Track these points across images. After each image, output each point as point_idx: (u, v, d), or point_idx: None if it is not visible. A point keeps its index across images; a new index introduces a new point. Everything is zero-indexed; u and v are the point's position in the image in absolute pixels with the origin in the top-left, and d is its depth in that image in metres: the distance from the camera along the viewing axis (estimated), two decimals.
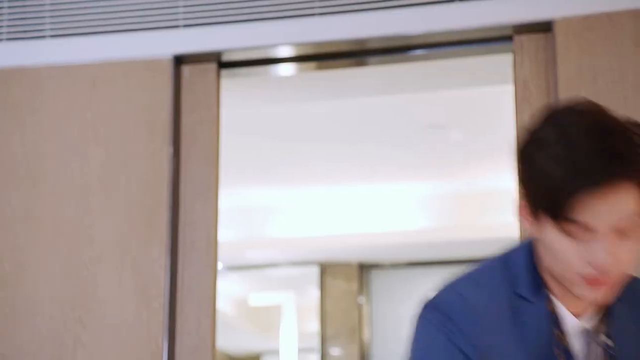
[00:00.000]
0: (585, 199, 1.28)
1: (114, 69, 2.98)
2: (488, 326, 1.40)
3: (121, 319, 2.79)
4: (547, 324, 1.40)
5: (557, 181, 1.30)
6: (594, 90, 2.64)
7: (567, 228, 1.32)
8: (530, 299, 1.41)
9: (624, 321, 1.45)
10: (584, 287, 1.35)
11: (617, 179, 1.28)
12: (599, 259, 1.31)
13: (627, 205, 1.30)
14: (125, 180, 2.89)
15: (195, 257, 2.86)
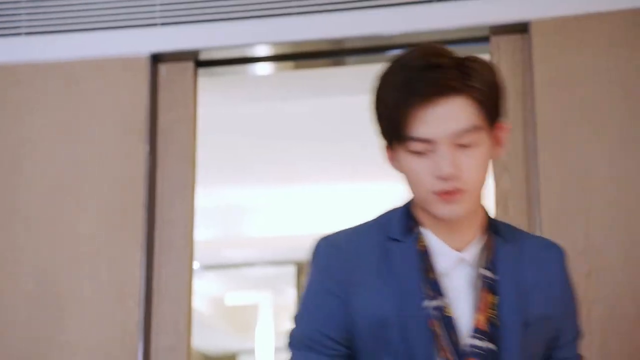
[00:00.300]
0: (420, 114, 1.42)
1: (90, 67, 2.97)
2: (358, 266, 1.50)
3: (96, 317, 2.78)
4: (414, 260, 1.49)
5: (394, 103, 1.44)
6: (569, 91, 2.66)
7: (413, 147, 1.45)
8: (400, 239, 1.51)
9: (506, 257, 1.52)
10: (439, 204, 1.46)
11: (446, 92, 1.42)
12: (443, 170, 1.42)
13: (462, 118, 1.43)
14: (101, 178, 2.88)
15: (171, 256, 2.86)
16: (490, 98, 1.47)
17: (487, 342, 1.46)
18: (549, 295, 1.54)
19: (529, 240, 1.60)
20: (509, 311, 1.49)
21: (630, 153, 2.59)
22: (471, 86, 1.44)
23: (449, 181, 1.43)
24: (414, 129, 1.43)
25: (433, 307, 1.46)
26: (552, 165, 2.63)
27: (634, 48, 2.65)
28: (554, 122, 2.65)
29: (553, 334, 1.56)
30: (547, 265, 1.57)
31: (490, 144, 1.49)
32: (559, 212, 2.59)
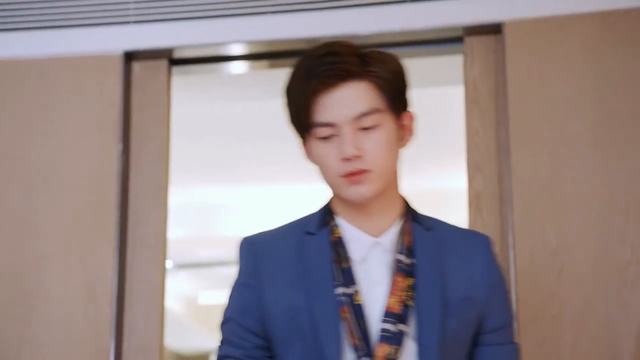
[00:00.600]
0: (322, 99, 1.51)
1: (63, 65, 2.94)
2: (271, 261, 1.57)
3: (68, 317, 2.76)
4: (326, 251, 1.55)
5: (298, 92, 1.53)
6: (542, 92, 2.68)
7: (319, 133, 1.53)
8: (314, 232, 1.58)
9: (425, 242, 1.57)
10: (347, 186, 1.53)
11: (346, 77, 1.50)
12: (345, 151, 1.49)
13: (362, 101, 1.51)
14: (73, 177, 2.86)
15: (144, 255, 2.84)
16: (392, 85, 1.54)
17: (399, 324, 1.49)
18: (470, 279, 1.57)
19: (451, 229, 1.65)
20: (426, 292, 1.52)
21: (602, 153, 2.61)
22: (370, 71, 1.52)
23: (352, 162, 1.50)
24: (318, 115, 1.52)
25: (343, 295, 1.50)
26: (524, 165, 2.64)
27: (606, 50, 2.67)
28: (527, 122, 2.67)
29: (478, 318, 1.58)
30: (468, 251, 1.61)
31: (394, 130, 1.56)
32: (531, 211, 2.61)
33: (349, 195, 1.54)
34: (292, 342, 1.52)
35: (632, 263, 2.53)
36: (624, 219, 2.55)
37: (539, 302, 2.55)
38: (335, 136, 1.52)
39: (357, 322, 1.49)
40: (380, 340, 1.48)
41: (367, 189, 1.52)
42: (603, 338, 2.50)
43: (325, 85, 1.51)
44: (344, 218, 1.59)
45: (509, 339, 1.63)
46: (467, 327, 1.56)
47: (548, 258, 2.57)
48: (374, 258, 1.56)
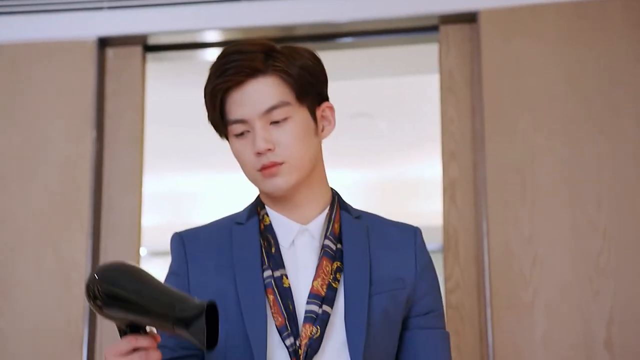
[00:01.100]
0: (232, 97, 1.55)
1: (36, 50, 2.92)
2: (199, 250, 1.60)
3: (41, 304, 2.75)
4: (254, 238, 1.59)
5: (210, 94, 1.56)
6: (517, 80, 2.69)
7: (233, 130, 1.56)
8: (243, 222, 1.62)
9: (352, 229, 1.61)
10: (263, 180, 1.56)
11: (252, 74, 1.54)
12: (257, 145, 1.53)
13: (269, 96, 1.54)
14: (46, 163, 2.84)
15: (118, 242, 2.83)
16: (300, 79, 1.56)
17: (324, 305, 1.52)
18: (398, 262, 1.61)
19: (381, 219, 1.68)
20: (352, 273, 1.56)
21: (575, 142, 2.63)
22: (276, 66, 1.55)
23: (265, 156, 1.54)
24: (230, 112, 1.56)
25: (271, 278, 1.54)
26: (498, 153, 2.66)
27: (580, 39, 2.68)
28: (502, 111, 2.68)
29: (408, 301, 1.60)
30: (397, 238, 1.64)
31: (307, 122, 1.58)
32: (505, 200, 2.62)
33: (266, 188, 1.57)
34: (220, 325, 1.51)
35: (604, 252, 2.55)
36: (597, 207, 2.58)
37: (513, 290, 2.57)
38: (248, 132, 1.55)
39: (284, 304, 1.52)
40: (305, 321, 1.51)
41: (283, 180, 1.55)
42: (575, 325, 2.53)
43: (233, 82, 1.54)
44: (272, 208, 1.62)
45: (440, 325, 1.66)
46: (397, 307, 1.59)
47: (522, 246, 2.59)
48: (302, 244, 1.59)
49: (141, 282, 1.33)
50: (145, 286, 1.32)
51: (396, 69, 3.72)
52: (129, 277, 1.34)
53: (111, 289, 1.32)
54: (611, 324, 2.51)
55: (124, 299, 1.31)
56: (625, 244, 2.55)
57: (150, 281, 1.34)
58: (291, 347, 1.50)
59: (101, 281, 1.33)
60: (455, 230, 2.71)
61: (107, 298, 1.32)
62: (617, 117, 2.62)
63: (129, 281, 1.33)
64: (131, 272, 1.34)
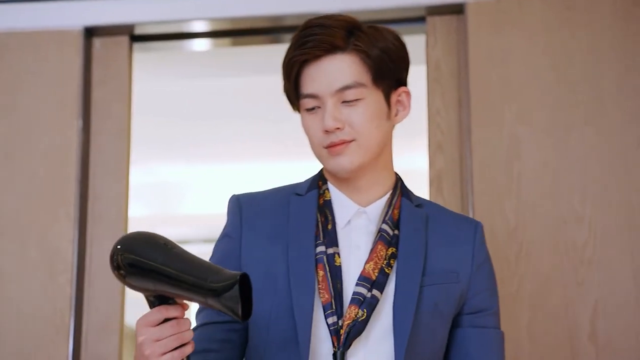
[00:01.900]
0: (308, 71, 1.53)
1: (22, 39, 2.91)
2: (255, 215, 1.59)
3: (26, 294, 2.74)
4: (312, 211, 1.57)
5: (288, 63, 1.55)
6: (504, 72, 2.70)
7: (305, 105, 1.55)
8: (302, 194, 1.61)
9: (411, 217, 1.58)
10: (329, 158, 1.54)
11: (330, 50, 1.51)
12: (325, 122, 1.51)
13: (345, 74, 1.51)
14: (32, 153, 2.83)
15: (104, 232, 2.83)
16: (379, 61, 1.54)
17: (374, 290, 1.50)
18: (455, 255, 1.58)
19: (442, 210, 1.67)
20: (406, 261, 1.53)
21: (561, 134, 2.64)
22: (357, 45, 1.52)
23: (333, 134, 1.51)
24: (304, 86, 1.54)
25: (323, 254, 1.52)
26: (485, 145, 2.66)
27: (567, 30, 2.69)
28: (488, 102, 2.69)
29: (461, 296, 1.57)
30: (457, 231, 1.62)
31: (380, 105, 1.55)
32: (491, 191, 2.63)
33: (330, 166, 1.55)
34: (265, 295, 1.52)
35: (589, 243, 2.56)
36: (582, 199, 2.59)
37: (498, 280, 2.56)
38: (319, 107, 1.53)
39: (333, 282, 1.50)
40: (351, 303, 1.48)
41: (348, 160, 1.53)
42: (560, 316, 2.54)
43: (310, 56, 1.52)
44: (334, 185, 1.60)
45: (493, 324, 1.62)
46: (449, 301, 1.56)
47: (507, 237, 2.60)
48: (357, 225, 1.56)
49: (169, 252, 1.30)
50: (174, 256, 1.30)
51: None
52: (155, 247, 1.31)
53: (135, 258, 1.30)
54: (595, 315, 2.52)
55: (151, 269, 1.29)
56: (610, 235, 2.56)
57: (179, 252, 1.31)
58: (333, 325, 1.48)
59: (124, 251, 1.32)
60: None
61: (130, 267, 1.30)
62: (603, 109, 2.63)
63: (156, 251, 1.30)
64: (158, 242, 1.32)
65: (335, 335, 1.47)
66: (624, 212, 2.57)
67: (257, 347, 1.55)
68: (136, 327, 1.33)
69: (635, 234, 2.55)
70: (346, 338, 1.46)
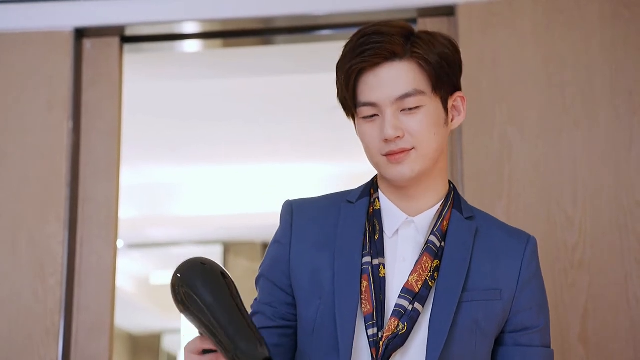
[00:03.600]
0: (365, 79, 1.51)
1: (12, 40, 2.90)
2: (307, 222, 1.60)
3: (15, 295, 2.73)
4: (361, 220, 1.57)
5: (345, 71, 1.53)
6: (494, 74, 2.70)
7: (362, 113, 1.53)
8: (353, 201, 1.60)
9: (460, 229, 1.56)
10: (388, 166, 1.53)
11: (389, 57, 1.50)
12: (386, 131, 1.49)
13: (404, 82, 1.50)
14: (22, 153, 2.82)
15: (94, 234, 2.82)
16: (437, 67, 1.53)
17: (416, 302, 1.48)
18: (501, 271, 1.55)
19: (495, 223, 1.63)
20: (448, 275, 1.51)
21: (551, 135, 2.65)
22: (415, 52, 1.51)
23: (393, 142, 1.50)
24: (362, 94, 1.52)
25: (369, 265, 1.51)
26: (476, 147, 2.67)
27: (556, 32, 2.70)
28: (479, 104, 2.69)
29: (504, 314, 1.54)
30: (506, 246, 1.58)
31: (438, 112, 1.54)
32: (482, 193, 2.64)
33: (390, 175, 1.53)
34: (311, 300, 1.54)
35: (580, 245, 2.57)
36: (572, 201, 2.60)
37: None
38: (377, 116, 1.52)
39: (376, 293, 1.49)
40: (392, 315, 1.48)
41: (408, 169, 1.51)
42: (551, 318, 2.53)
43: (368, 64, 1.51)
44: (385, 194, 1.59)
45: (540, 342, 1.59)
46: (490, 318, 1.53)
47: None
48: (405, 235, 1.55)
49: (219, 293, 1.35)
50: (221, 301, 1.35)
51: None
52: (210, 283, 1.36)
53: (189, 294, 1.35)
54: (586, 317, 2.53)
55: (198, 310, 1.35)
56: (600, 237, 2.57)
57: (228, 297, 1.36)
58: (372, 337, 1.47)
59: (183, 282, 1.36)
60: None
61: (185, 300, 1.36)
62: (594, 110, 2.64)
63: (208, 288, 1.35)
64: (213, 278, 1.37)
65: (374, 347, 1.47)
66: (614, 213, 2.58)
67: (303, 352, 1.56)
68: (184, 349, 1.40)
69: (626, 235, 2.56)
70: (385, 350, 1.46)
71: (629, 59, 2.65)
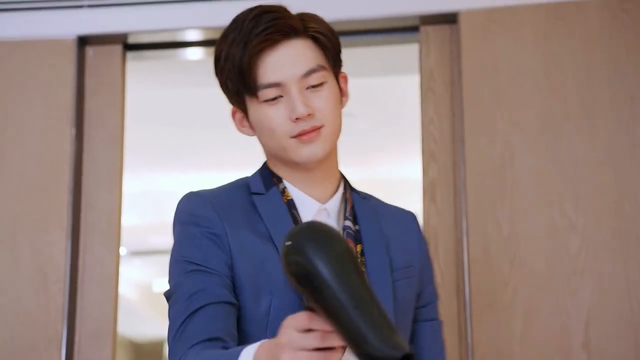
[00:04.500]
0: (267, 59, 1.44)
1: (15, 48, 2.90)
2: (229, 215, 1.46)
3: (17, 303, 2.73)
4: (283, 210, 1.48)
5: (240, 56, 1.45)
6: (496, 81, 2.70)
7: (265, 95, 1.45)
8: (264, 193, 1.51)
9: (364, 210, 1.54)
10: (299, 147, 1.46)
11: (288, 34, 1.45)
12: (297, 110, 1.43)
13: (308, 58, 1.46)
14: (25, 161, 2.83)
15: (97, 241, 2.82)
16: (331, 43, 1.50)
17: None
18: (407, 248, 1.55)
19: (381, 202, 1.63)
20: (374, 258, 1.48)
21: (553, 143, 2.65)
22: (311, 27, 1.48)
23: (304, 121, 1.44)
24: (263, 76, 1.45)
25: None
26: (478, 153, 2.67)
27: (557, 40, 2.70)
28: (481, 111, 2.69)
29: (417, 288, 1.55)
30: (401, 222, 1.59)
31: (336, 89, 1.51)
32: (485, 200, 2.64)
33: (301, 156, 1.47)
34: (262, 295, 1.41)
35: (583, 252, 2.57)
36: (575, 207, 2.59)
37: (492, 289, 2.58)
38: (281, 97, 1.46)
39: None
40: None
41: (319, 148, 1.46)
42: (554, 326, 2.54)
43: (269, 43, 1.45)
44: (289, 182, 1.52)
45: (438, 314, 1.61)
46: (412, 295, 1.53)
47: (501, 246, 2.60)
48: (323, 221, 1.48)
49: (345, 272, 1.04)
50: (348, 281, 1.04)
51: (376, 69, 3.73)
52: (330, 254, 1.05)
53: (304, 266, 1.05)
54: (589, 324, 2.52)
55: (317, 287, 1.05)
56: (603, 243, 2.56)
57: (356, 275, 1.06)
58: None
59: (295, 250, 1.07)
60: (435, 230, 2.72)
61: (297, 273, 1.07)
62: (595, 116, 2.64)
63: (329, 261, 1.05)
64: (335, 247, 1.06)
65: None
66: (617, 220, 2.57)
67: (253, 339, 1.38)
68: (283, 325, 1.11)
69: (628, 242, 2.55)
70: None
71: (630, 65, 2.65)
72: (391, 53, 3.30)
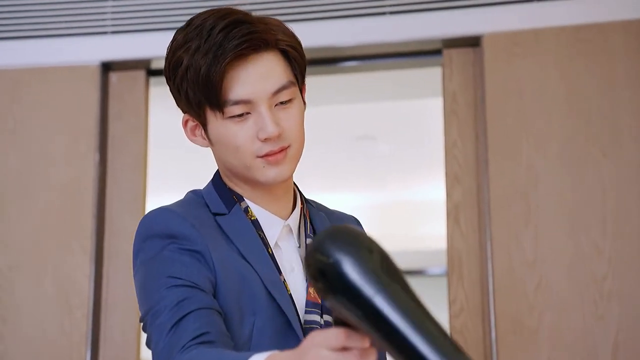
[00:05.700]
0: (236, 74, 1.33)
1: (40, 74, 2.93)
2: (210, 236, 1.35)
3: (41, 328, 2.73)
4: (250, 229, 1.38)
5: (207, 68, 1.33)
6: (519, 103, 2.69)
7: (231, 112, 1.34)
8: (226, 213, 1.40)
9: (321, 223, 1.47)
10: (266, 168, 1.36)
11: (259, 48, 1.33)
12: (267, 130, 1.33)
13: (278, 74, 1.35)
14: (49, 187, 2.84)
15: (121, 266, 2.82)
16: (300, 56, 1.40)
17: (325, 314, 1.35)
18: None
19: (327, 208, 1.57)
20: None
21: (578, 166, 2.63)
22: (282, 40, 1.37)
23: (273, 142, 1.35)
24: (232, 92, 1.34)
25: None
26: (502, 177, 2.65)
27: (580, 62, 2.69)
28: (505, 134, 2.68)
29: None
30: None
31: (302, 104, 1.42)
32: (509, 223, 2.62)
33: (266, 177, 1.37)
34: (245, 317, 1.33)
35: (609, 276, 2.54)
36: (601, 231, 2.57)
37: (517, 313, 2.55)
38: (249, 114, 1.35)
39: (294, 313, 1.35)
40: (308, 333, 1.30)
41: (286, 169, 1.37)
42: (580, 350, 2.51)
43: (240, 58, 1.33)
44: (250, 200, 1.42)
45: None
46: None
47: (526, 270, 2.58)
48: (286, 243, 1.42)
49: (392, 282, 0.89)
50: (396, 294, 0.88)
51: (400, 92, 3.72)
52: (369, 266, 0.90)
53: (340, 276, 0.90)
54: (616, 349, 2.49)
55: (359, 304, 0.89)
56: (629, 267, 2.53)
57: (403, 286, 0.90)
58: None
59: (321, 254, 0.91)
60: (459, 254, 2.70)
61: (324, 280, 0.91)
62: (619, 140, 2.62)
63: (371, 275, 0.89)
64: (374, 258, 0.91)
65: None
66: None
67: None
68: (308, 342, 0.95)
69: None
70: None
71: None
72: (415, 76, 3.30)
